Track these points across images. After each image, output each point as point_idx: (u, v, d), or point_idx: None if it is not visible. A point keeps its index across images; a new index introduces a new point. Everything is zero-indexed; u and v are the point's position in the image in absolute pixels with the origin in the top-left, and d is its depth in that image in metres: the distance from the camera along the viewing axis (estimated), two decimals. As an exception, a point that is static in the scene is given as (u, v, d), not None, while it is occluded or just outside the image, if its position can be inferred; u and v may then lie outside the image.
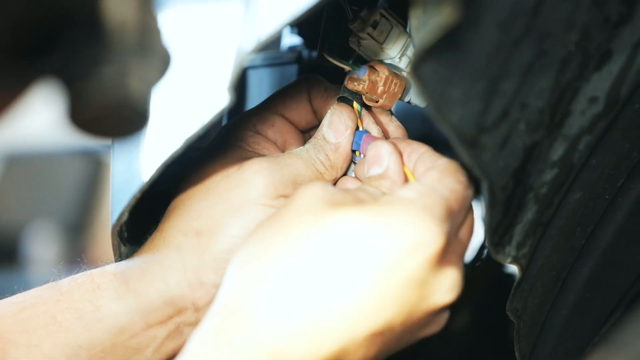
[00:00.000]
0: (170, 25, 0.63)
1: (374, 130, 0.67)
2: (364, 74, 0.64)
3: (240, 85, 0.75)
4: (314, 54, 0.73)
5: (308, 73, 0.72)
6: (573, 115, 0.60)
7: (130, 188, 0.61)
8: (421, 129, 1.06)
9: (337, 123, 0.65)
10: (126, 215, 0.62)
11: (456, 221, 0.58)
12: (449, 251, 0.57)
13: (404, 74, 0.66)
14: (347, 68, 0.65)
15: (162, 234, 0.65)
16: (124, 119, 0.41)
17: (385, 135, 0.67)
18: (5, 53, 0.38)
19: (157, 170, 0.59)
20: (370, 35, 0.65)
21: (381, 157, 0.61)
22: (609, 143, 0.63)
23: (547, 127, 0.59)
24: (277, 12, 0.53)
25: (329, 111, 0.66)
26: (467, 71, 0.53)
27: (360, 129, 0.66)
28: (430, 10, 0.49)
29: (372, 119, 0.67)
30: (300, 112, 0.69)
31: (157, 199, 0.65)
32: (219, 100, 0.56)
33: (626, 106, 0.62)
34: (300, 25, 0.78)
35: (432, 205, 0.56)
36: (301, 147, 0.66)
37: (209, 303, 0.61)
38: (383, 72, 0.65)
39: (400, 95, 0.66)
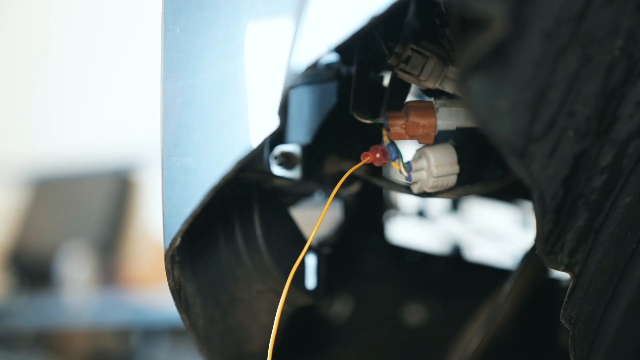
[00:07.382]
0: (223, 45, 0.64)
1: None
2: (386, 124, 0.66)
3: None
4: (352, 69, 0.74)
5: (347, 90, 0.72)
6: (621, 121, 0.59)
7: (182, 213, 0.62)
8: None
9: None
10: (179, 240, 0.63)
11: None
12: None
13: (438, 104, 0.66)
14: (377, 122, 0.68)
15: None
16: None
17: None
18: None
19: (208, 193, 0.60)
20: (404, 70, 0.65)
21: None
22: (657, 146, 0.63)
23: (595, 133, 0.59)
24: (323, 35, 0.54)
25: None
26: (514, 82, 0.53)
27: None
28: (478, 25, 0.49)
29: None
30: None
31: (207, 221, 0.66)
32: (268, 123, 0.56)
33: (673, 108, 0.61)
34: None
35: None
36: None
37: None
38: (403, 120, 0.66)
39: (433, 132, 0.66)
